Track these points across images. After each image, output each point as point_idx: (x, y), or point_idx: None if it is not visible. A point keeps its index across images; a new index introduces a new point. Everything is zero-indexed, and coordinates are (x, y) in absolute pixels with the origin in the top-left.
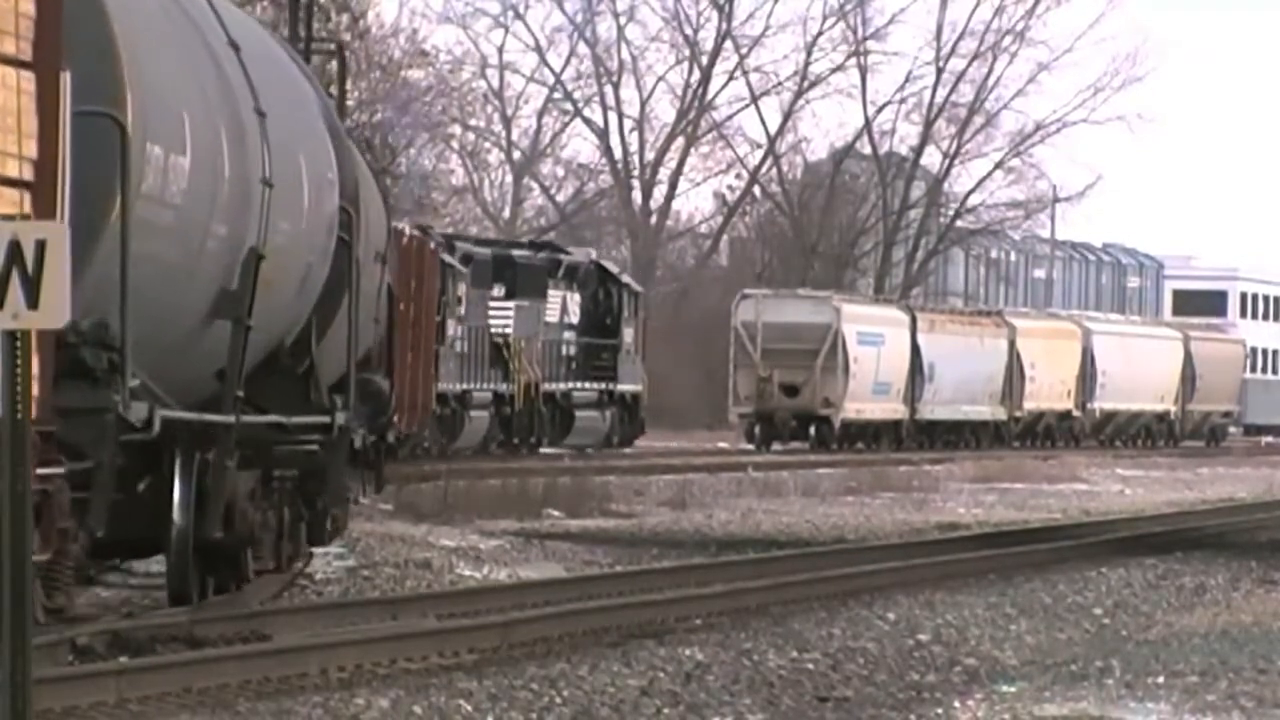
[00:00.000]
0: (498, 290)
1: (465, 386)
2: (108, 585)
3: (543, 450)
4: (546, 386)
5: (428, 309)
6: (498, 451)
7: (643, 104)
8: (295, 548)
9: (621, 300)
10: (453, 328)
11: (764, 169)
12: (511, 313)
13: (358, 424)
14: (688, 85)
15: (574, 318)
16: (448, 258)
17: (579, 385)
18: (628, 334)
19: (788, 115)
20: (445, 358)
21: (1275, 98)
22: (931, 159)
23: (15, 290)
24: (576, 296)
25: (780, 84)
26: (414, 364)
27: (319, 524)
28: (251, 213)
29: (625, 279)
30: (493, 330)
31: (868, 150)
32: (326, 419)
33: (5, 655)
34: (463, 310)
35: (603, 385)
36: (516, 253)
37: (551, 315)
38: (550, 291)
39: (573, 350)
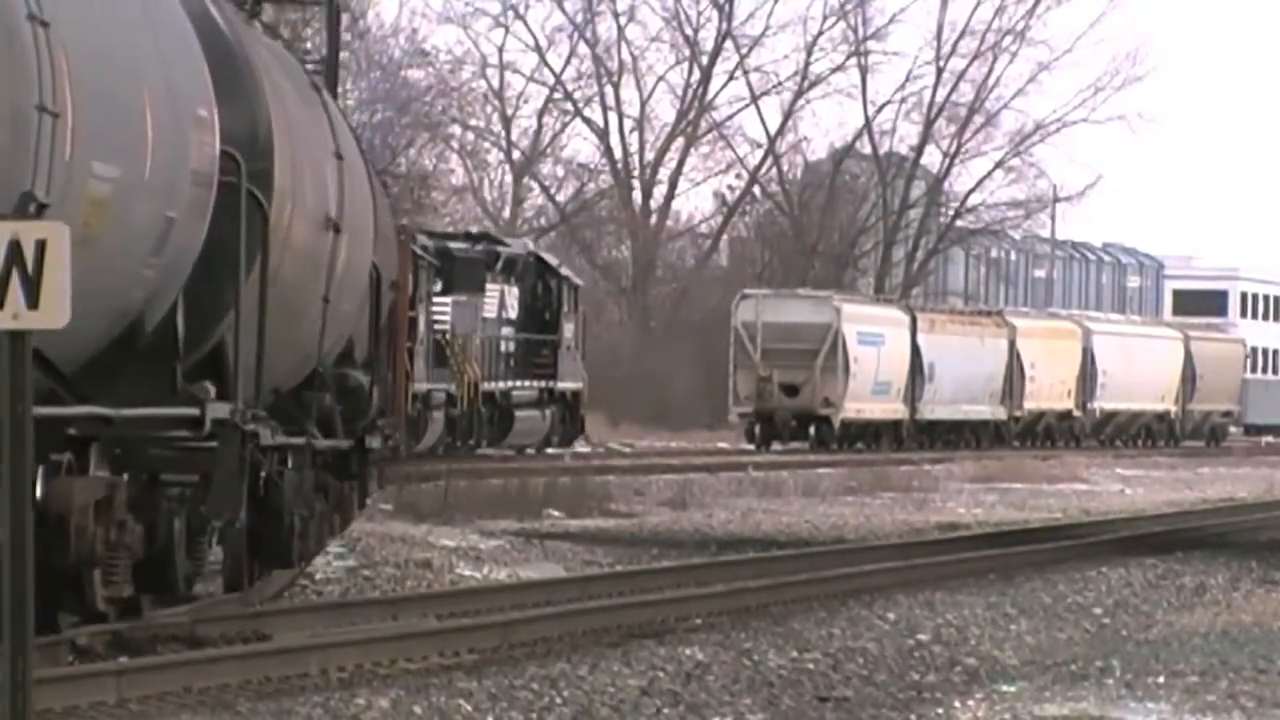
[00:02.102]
0: (436, 285)
1: (429, 386)
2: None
3: (479, 452)
4: (486, 386)
5: (403, 304)
6: (442, 454)
7: (643, 104)
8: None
9: (561, 294)
10: (422, 325)
11: (764, 169)
12: (449, 308)
13: (264, 421)
14: (688, 85)
15: (512, 313)
16: (418, 250)
17: (519, 384)
18: (568, 329)
19: (788, 115)
20: (415, 356)
21: (1276, 97)
22: (931, 158)
23: (15, 290)
24: (515, 290)
25: (780, 84)
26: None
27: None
28: (21, 148)
29: (565, 271)
30: (435, 327)
31: (868, 150)
32: (192, 411)
33: (6, 655)
34: (436, 309)
35: (543, 383)
36: (454, 245)
37: (489, 310)
38: (489, 285)
39: (511, 347)
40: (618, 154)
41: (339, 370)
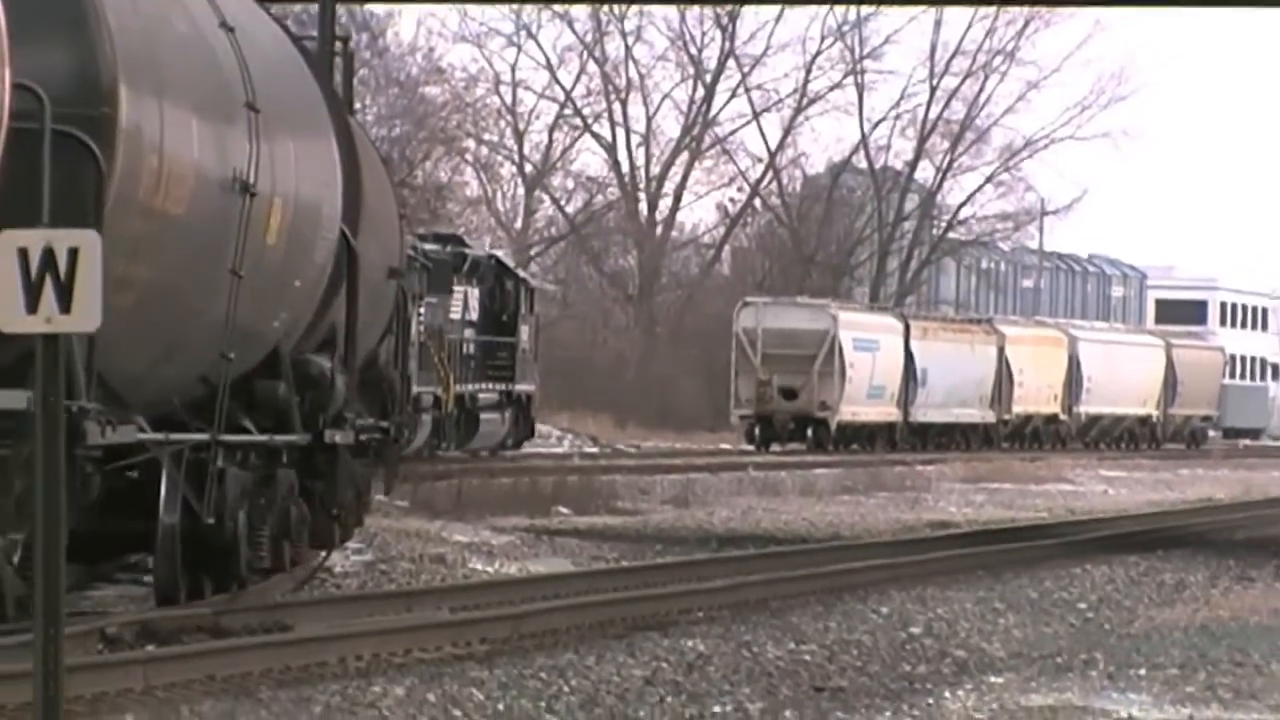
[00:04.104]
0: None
1: (419, 389)
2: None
3: (442, 454)
4: (457, 388)
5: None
6: (427, 457)
7: (649, 120)
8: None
9: (519, 297)
10: (415, 329)
11: (764, 182)
12: (424, 311)
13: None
14: (692, 102)
15: (473, 315)
16: (413, 253)
17: (483, 386)
18: (524, 332)
19: (787, 131)
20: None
21: (1254, 115)
22: (925, 173)
23: (48, 295)
24: (475, 292)
25: (780, 101)
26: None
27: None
28: None
29: (522, 274)
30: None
31: (864, 164)
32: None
33: (38, 644)
34: (422, 310)
35: (503, 386)
36: (429, 247)
37: (455, 312)
38: (455, 287)
39: (472, 349)
40: (625, 168)
41: (299, 357)
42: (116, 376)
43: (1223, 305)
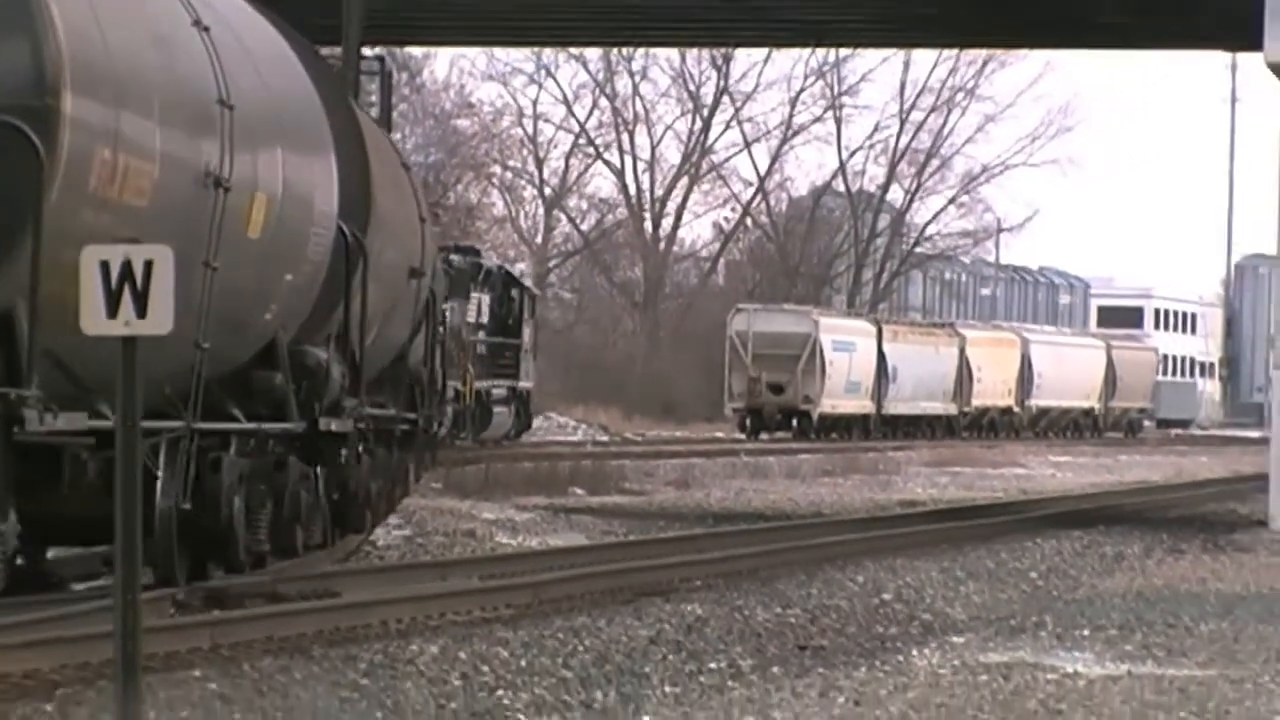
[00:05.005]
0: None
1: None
2: None
3: (460, 443)
4: (477, 384)
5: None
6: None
7: (653, 148)
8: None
9: (523, 303)
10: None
11: (755, 203)
12: (447, 313)
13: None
14: (691, 133)
15: (485, 318)
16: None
17: (494, 382)
18: (527, 334)
19: (775, 158)
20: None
21: (1182, 144)
22: (895, 195)
23: (126, 303)
24: (486, 299)
25: (769, 132)
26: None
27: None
28: None
29: (526, 283)
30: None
31: (842, 188)
32: None
33: (118, 609)
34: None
35: (509, 382)
36: (453, 257)
37: (471, 315)
38: (471, 293)
39: (483, 349)
40: (632, 190)
41: (297, 348)
42: (82, 366)
43: (1157, 311)
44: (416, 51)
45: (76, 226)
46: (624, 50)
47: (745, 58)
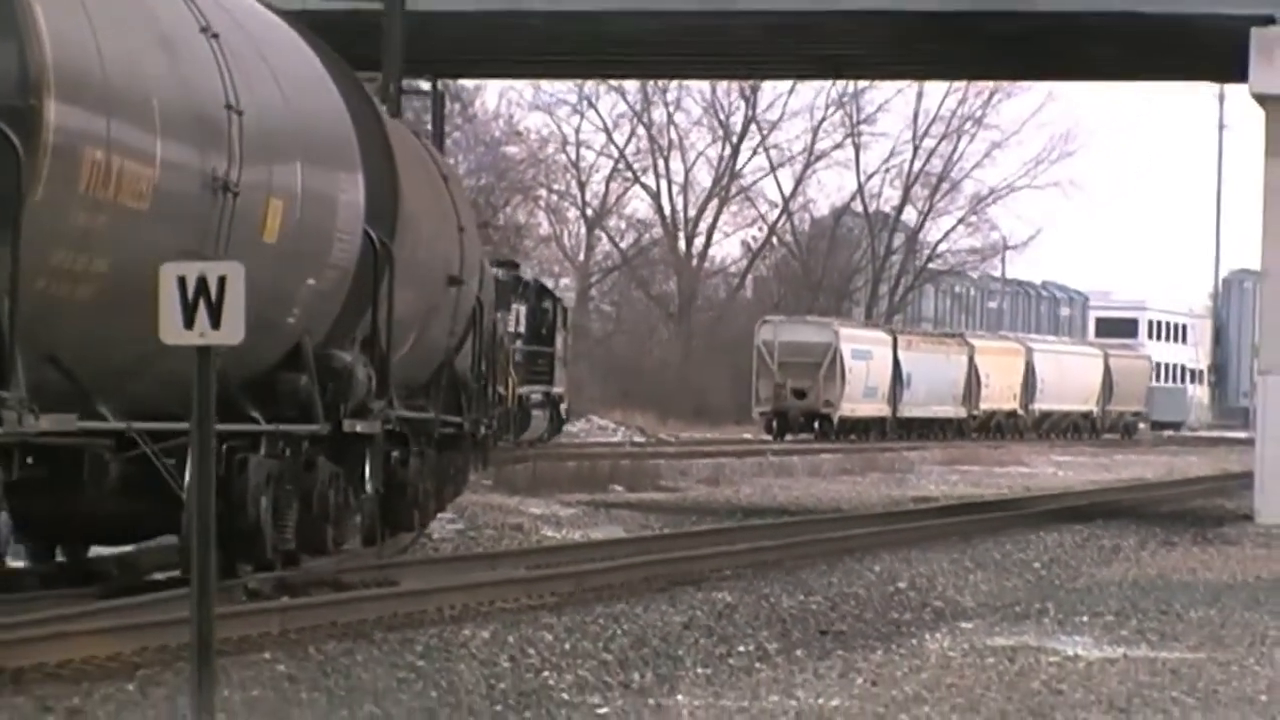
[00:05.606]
0: None
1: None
2: None
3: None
4: (520, 390)
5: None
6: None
7: (686, 173)
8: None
9: (555, 313)
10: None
11: (780, 223)
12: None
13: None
14: (721, 158)
15: (522, 328)
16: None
17: (532, 388)
18: (559, 343)
19: (798, 182)
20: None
21: (1174, 167)
22: (909, 215)
23: (202, 315)
24: (523, 309)
25: (793, 157)
26: None
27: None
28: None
29: (559, 294)
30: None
31: (860, 209)
32: None
33: (194, 596)
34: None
35: (544, 387)
36: (496, 271)
37: (510, 325)
38: (511, 305)
39: (520, 357)
40: (667, 211)
41: (322, 351)
42: (81, 367)
43: (1150, 322)
44: (469, 84)
45: (67, 226)
46: (660, 82)
47: (771, 89)
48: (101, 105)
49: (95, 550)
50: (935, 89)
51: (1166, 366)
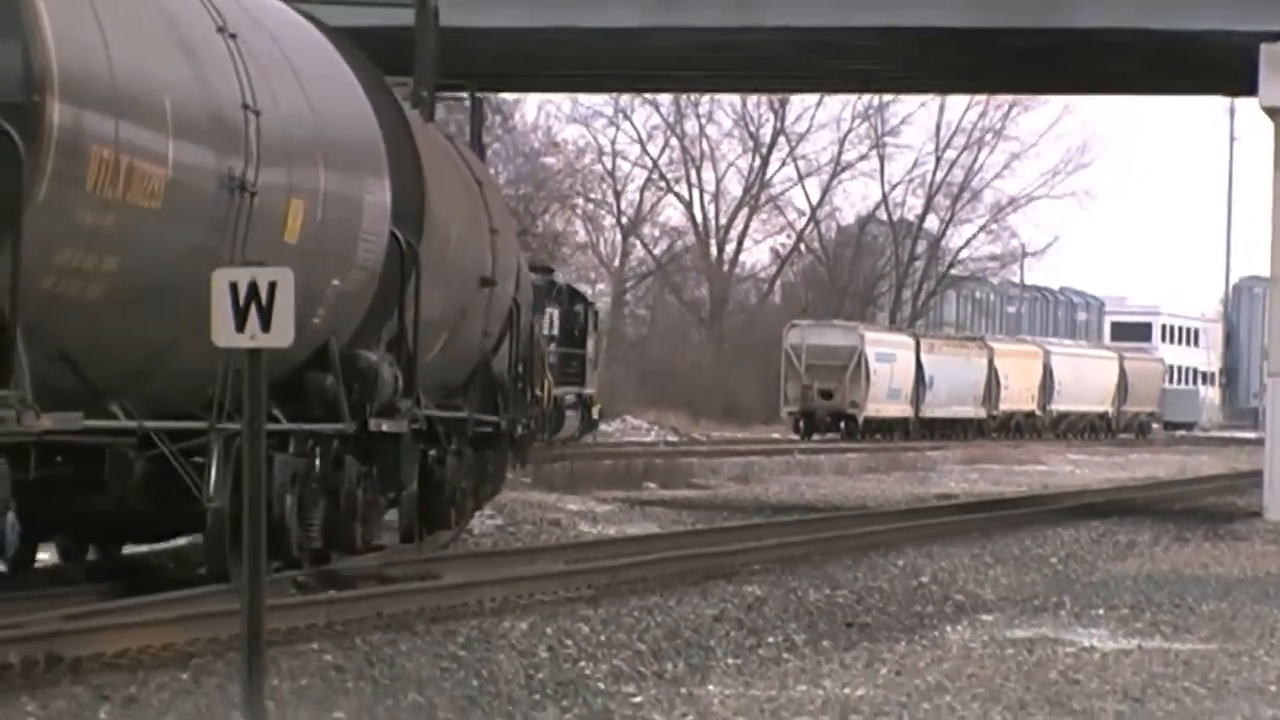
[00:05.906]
0: None
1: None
2: None
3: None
4: (556, 391)
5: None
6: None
7: (718, 182)
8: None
9: (587, 316)
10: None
11: (807, 231)
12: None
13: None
14: (751, 169)
15: (555, 330)
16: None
17: (565, 389)
18: (590, 345)
19: (825, 191)
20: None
21: (1186, 177)
22: (932, 224)
23: (253, 319)
24: (556, 313)
25: (820, 168)
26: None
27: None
28: None
29: (590, 298)
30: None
31: (884, 217)
32: None
33: (245, 589)
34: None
35: (576, 388)
36: (532, 275)
37: (544, 328)
38: (546, 308)
39: (553, 359)
40: (699, 220)
41: (349, 352)
42: (93, 367)
43: (1164, 327)
44: (509, 97)
45: (73, 225)
46: (692, 96)
47: (799, 103)
48: (110, 104)
49: (138, 548)
50: (957, 102)
51: (1179, 369)
